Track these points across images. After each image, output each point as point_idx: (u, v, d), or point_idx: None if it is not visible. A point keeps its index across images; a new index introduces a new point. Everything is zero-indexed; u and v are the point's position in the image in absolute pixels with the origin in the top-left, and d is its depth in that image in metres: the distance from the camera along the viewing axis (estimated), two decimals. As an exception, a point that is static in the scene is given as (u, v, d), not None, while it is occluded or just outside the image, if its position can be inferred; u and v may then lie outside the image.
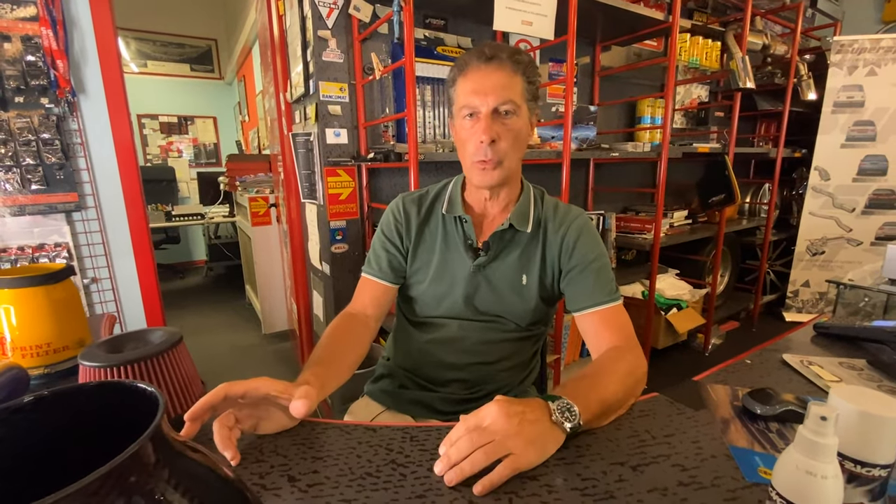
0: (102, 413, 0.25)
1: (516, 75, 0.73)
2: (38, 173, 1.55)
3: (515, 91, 0.73)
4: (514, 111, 0.73)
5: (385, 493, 0.49)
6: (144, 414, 0.25)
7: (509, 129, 0.73)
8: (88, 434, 0.25)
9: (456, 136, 0.79)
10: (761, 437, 0.58)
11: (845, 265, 2.86)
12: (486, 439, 0.49)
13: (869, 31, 3.24)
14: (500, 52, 0.72)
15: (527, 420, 0.50)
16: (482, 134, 0.72)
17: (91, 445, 0.25)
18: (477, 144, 0.73)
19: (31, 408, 0.23)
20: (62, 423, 0.24)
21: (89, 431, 0.25)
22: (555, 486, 0.49)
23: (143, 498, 0.22)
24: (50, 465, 0.25)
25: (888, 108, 2.65)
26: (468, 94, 0.73)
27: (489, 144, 0.72)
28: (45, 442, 0.24)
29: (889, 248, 1.10)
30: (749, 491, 0.49)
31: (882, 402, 0.38)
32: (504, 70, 0.72)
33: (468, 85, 0.73)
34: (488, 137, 0.72)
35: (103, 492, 0.21)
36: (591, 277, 0.77)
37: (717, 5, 2.77)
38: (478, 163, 0.75)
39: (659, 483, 0.50)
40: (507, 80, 0.72)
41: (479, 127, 0.73)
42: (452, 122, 0.81)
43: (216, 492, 0.26)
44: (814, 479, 0.34)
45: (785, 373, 0.77)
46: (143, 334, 0.62)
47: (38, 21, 1.49)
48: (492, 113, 0.72)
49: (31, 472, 0.24)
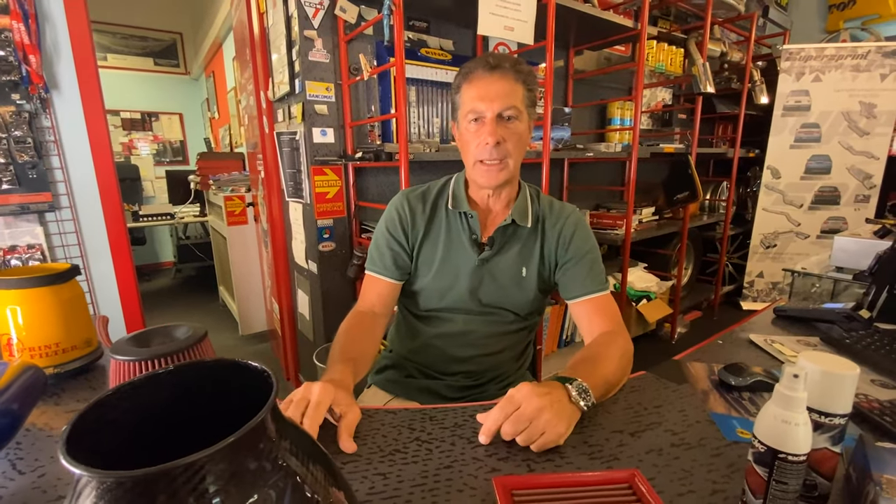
0: (216, 387, 0.29)
1: (518, 83, 0.79)
2: (9, 172, 1.49)
3: (517, 98, 0.79)
4: (517, 116, 0.79)
5: (415, 465, 0.54)
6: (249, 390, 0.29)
7: (512, 132, 0.79)
8: (204, 402, 0.29)
9: (459, 139, 0.85)
10: (736, 404, 0.67)
11: (795, 257, 3.09)
12: (526, 418, 0.55)
13: (814, 40, 3.51)
14: (504, 62, 0.78)
15: (554, 400, 0.56)
16: (488, 136, 0.78)
17: (205, 414, 0.29)
18: (482, 145, 0.79)
19: (170, 377, 0.27)
20: (188, 389, 0.28)
21: (204, 400, 0.28)
22: (568, 455, 0.56)
23: (269, 463, 0.26)
24: (173, 424, 0.28)
25: (831, 112, 2.88)
26: (474, 100, 0.78)
27: (494, 146, 0.78)
28: (174, 402, 0.28)
29: (836, 239, 1.23)
30: (730, 448, 0.57)
31: (840, 363, 0.46)
32: (507, 79, 0.78)
33: (473, 91, 0.79)
34: (494, 139, 0.77)
35: (241, 455, 0.24)
36: (585, 268, 0.84)
37: (679, 13, 2.94)
38: (481, 163, 0.80)
39: (654, 445, 0.57)
40: (510, 87, 0.78)
41: (485, 130, 0.78)
42: (456, 126, 0.86)
43: (317, 460, 0.30)
44: (788, 427, 0.42)
45: (752, 350, 0.87)
46: (167, 330, 0.64)
47: (8, 14, 1.43)
48: (496, 118, 0.78)
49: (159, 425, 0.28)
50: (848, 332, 0.90)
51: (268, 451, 0.26)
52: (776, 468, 0.42)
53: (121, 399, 0.26)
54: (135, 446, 0.28)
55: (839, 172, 2.94)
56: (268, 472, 0.26)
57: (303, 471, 0.28)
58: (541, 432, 0.54)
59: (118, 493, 0.22)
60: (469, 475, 0.52)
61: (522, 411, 0.55)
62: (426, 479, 0.52)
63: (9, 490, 0.51)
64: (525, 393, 0.56)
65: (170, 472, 0.22)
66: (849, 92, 2.85)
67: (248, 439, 0.25)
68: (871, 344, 0.85)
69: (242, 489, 0.25)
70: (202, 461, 0.23)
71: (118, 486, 0.21)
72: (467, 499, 0.48)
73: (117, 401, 0.26)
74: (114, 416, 0.25)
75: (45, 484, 0.52)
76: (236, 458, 0.24)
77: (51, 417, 0.65)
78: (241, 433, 0.24)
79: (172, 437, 0.28)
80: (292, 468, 0.27)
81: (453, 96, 0.85)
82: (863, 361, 0.80)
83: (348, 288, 1.80)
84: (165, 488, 0.22)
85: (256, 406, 0.28)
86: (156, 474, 0.22)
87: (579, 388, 0.60)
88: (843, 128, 2.88)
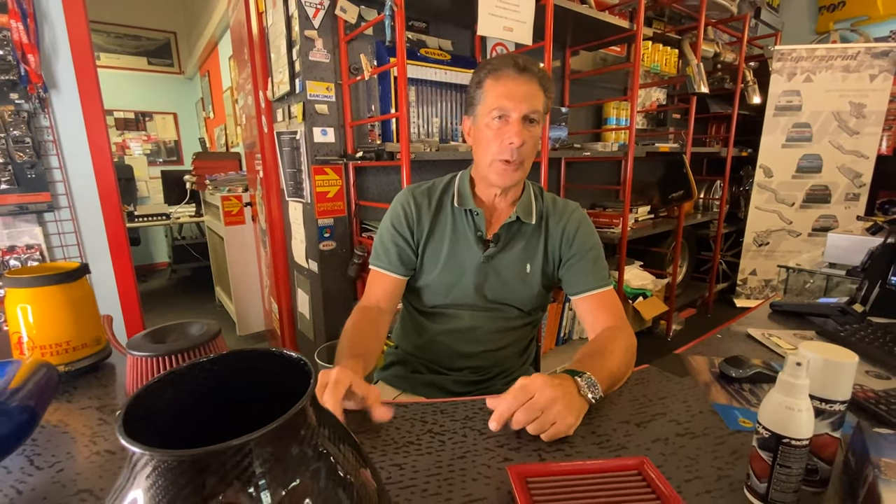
0: (253, 375, 0.30)
1: (541, 90, 0.80)
2: (7, 172, 1.48)
3: (540, 103, 0.80)
4: (538, 120, 0.81)
5: (429, 456, 0.55)
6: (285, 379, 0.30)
7: (533, 135, 0.81)
8: (242, 390, 0.30)
9: (477, 134, 0.84)
10: (737, 395, 0.69)
11: (787, 254, 3.14)
12: (538, 407, 0.56)
13: (805, 41, 3.57)
14: (532, 66, 0.79)
15: (566, 391, 0.58)
16: (514, 137, 0.78)
17: (243, 401, 0.30)
18: (505, 145, 0.79)
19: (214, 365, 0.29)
20: (227, 377, 0.29)
21: (243, 388, 0.30)
22: (577, 445, 0.57)
23: (311, 449, 0.27)
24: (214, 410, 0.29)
25: (822, 112, 2.93)
26: (500, 98, 0.79)
27: (518, 147, 0.79)
28: (214, 390, 0.29)
29: (829, 236, 1.26)
30: (733, 437, 0.59)
31: (839, 352, 0.48)
32: (533, 83, 0.79)
33: (501, 89, 0.79)
34: (519, 140, 0.78)
35: (283, 442, 0.26)
36: (588, 264, 0.86)
37: (672, 14, 2.97)
38: (501, 161, 0.81)
39: (660, 435, 0.59)
40: (536, 91, 0.79)
41: (511, 130, 0.78)
42: (470, 121, 0.86)
43: (347, 441, 0.31)
44: (791, 413, 0.43)
45: (750, 344, 0.89)
46: (182, 327, 0.64)
47: (7, 13, 1.42)
48: (522, 119, 0.79)
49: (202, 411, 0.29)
50: (842, 326, 0.93)
51: (309, 437, 0.27)
52: (780, 453, 0.44)
53: (166, 386, 0.27)
54: (179, 430, 0.29)
55: (830, 171, 2.98)
56: (309, 457, 0.27)
57: (337, 453, 0.29)
58: (552, 422, 0.55)
59: (173, 471, 0.23)
60: (483, 464, 0.53)
61: (535, 401, 0.56)
62: (441, 468, 0.53)
63: (28, 485, 0.52)
64: (539, 384, 0.57)
65: (223, 452, 0.23)
66: (839, 92, 2.90)
67: (291, 424, 0.26)
68: (865, 337, 0.87)
69: (286, 472, 0.26)
70: (250, 443, 0.24)
71: (174, 464, 0.22)
72: (482, 487, 0.50)
73: (163, 387, 0.27)
74: (160, 401, 0.26)
75: (64, 479, 0.53)
76: (280, 442, 0.26)
77: (64, 414, 0.66)
78: (285, 418, 0.25)
79: (213, 422, 0.29)
80: (330, 453, 0.29)
81: (473, 91, 0.84)
82: (857, 353, 0.82)
83: (349, 287, 1.81)
84: (216, 468, 0.23)
85: (291, 394, 0.29)
86: (209, 454, 0.23)
87: (588, 382, 0.61)
88: (833, 127, 2.93)
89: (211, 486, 0.23)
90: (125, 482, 0.23)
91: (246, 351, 0.30)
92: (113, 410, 0.67)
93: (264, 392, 0.31)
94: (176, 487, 0.23)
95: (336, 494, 0.28)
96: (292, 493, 0.26)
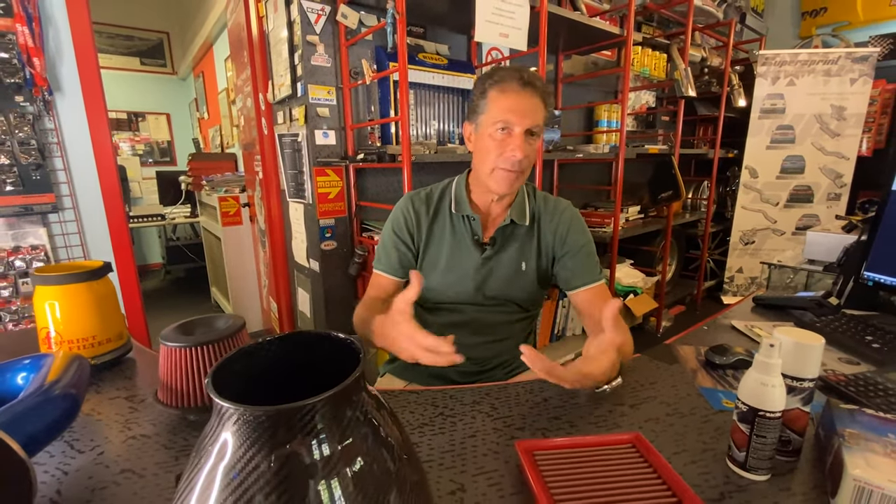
0: (309, 354, 0.35)
1: (542, 103, 0.85)
2: (13, 174, 1.50)
3: (541, 116, 0.85)
4: (539, 133, 0.86)
5: (443, 436, 0.60)
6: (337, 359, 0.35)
7: (533, 147, 0.86)
8: (301, 366, 0.35)
9: (479, 142, 0.89)
10: (721, 380, 0.75)
11: (771, 252, 3.24)
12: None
13: (788, 46, 3.68)
14: (536, 81, 0.84)
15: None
16: (517, 150, 0.83)
17: (300, 374, 0.35)
18: (508, 156, 0.84)
19: (276, 343, 0.33)
20: (290, 356, 0.34)
21: (302, 364, 0.35)
22: (577, 424, 0.63)
23: (361, 414, 0.32)
24: (280, 380, 0.34)
25: (804, 115, 3.03)
26: (505, 111, 0.83)
27: (520, 159, 0.84)
28: (275, 364, 0.34)
29: (808, 234, 1.34)
30: (717, 416, 0.65)
31: (808, 336, 0.54)
32: (536, 98, 0.84)
33: (506, 103, 0.83)
34: (522, 154, 0.83)
35: (339, 406, 0.31)
36: (582, 260, 0.91)
37: (661, 19, 3.05)
38: (502, 170, 0.86)
39: (651, 415, 0.65)
40: (538, 106, 0.84)
41: (515, 143, 0.83)
42: (472, 128, 0.90)
43: (389, 416, 0.36)
44: (766, 388, 0.49)
45: (734, 335, 0.95)
46: (208, 320, 0.69)
47: (12, 17, 1.44)
48: (525, 132, 0.84)
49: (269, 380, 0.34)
50: (819, 318, 1.00)
51: (360, 404, 0.32)
52: (756, 424, 0.50)
53: (239, 359, 0.32)
54: (251, 393, 0.34)
55: (812, 172, 3.09)
56: (360, 421, 0.32)
57: (380, 419, 0.34)
58: None
59: (251, 423, 0.28)
60: (492, 442, 0.59)
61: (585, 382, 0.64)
62: (454, 446, 0.58)
63: (73, 466, 0.56)
64: (597, 373, 0.64)
65: (293, 410, 0.28)
66: (821, 95, 3.00)
67: (347, 391, 0.31)
68: (839, 327, 0.94)
69: (341, 431, 0.31)
70: (316, 404, 0.29)
71: (254, 418, 0.27)
72: (492, 461, 0.55)
73: (237, 359, 0.31)
74: (233, 371, 0.31)
75: (106, 460, 0.57)
76: (338, 405, 0.31)
77: (95, 404, 0.70)
78: (343, 385, 0.30)
79: (277, 388, 0.34)
80: (375, 419, 0.34)
81: (477, 99, 0.88)
82: (831, 342, 0.89)
83: (350, 285, 1.85)
84: (286, 422, 0.28)
85: (340, 369, 0.34)
86: (281, 411, 0.28)
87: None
88: (815, 129, 3.04)
89: (281, 437, 0.28)
90: (214, 428, 0.28)
91: (304, 332, 0.35)
92: (141, 400, 0.71)
93: (316, 367, 0.36)
94: (255, 435, 0.27)
95: (381, 454, 0.33)
96: (346, 448, 0.31)
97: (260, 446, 0.27)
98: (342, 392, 0.31)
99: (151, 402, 0.70)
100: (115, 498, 0.50)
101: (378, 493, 0.31)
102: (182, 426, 0.63)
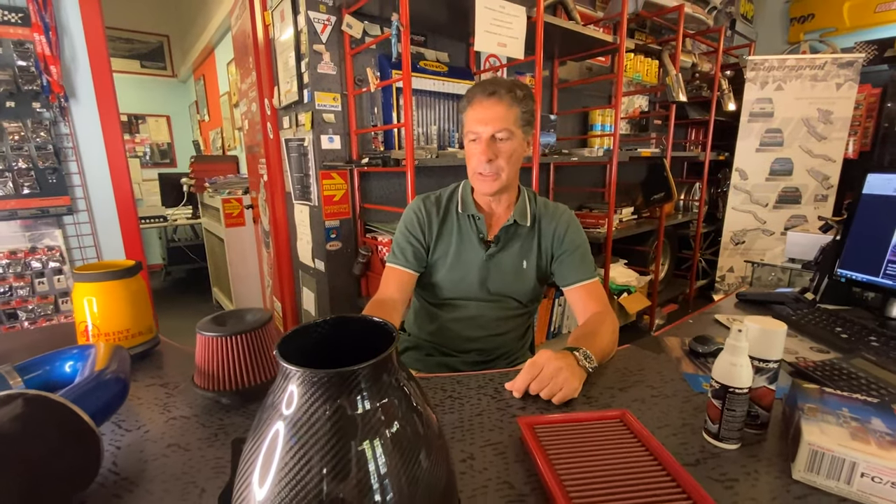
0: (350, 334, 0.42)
1: (513, 106, 0.92)
2: (30, 177, 1.56)
3: (510, 120, 0.92)
4: (509, 136, 0.93)
5: (452, 415, 0.68)
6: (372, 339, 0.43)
7: (503, 149, 0.94)
8: (342, 342, 0.42)
9: (465, 151, 1.00)
10: (702, 366, 0.83)
11: (761, 252, 3.33)
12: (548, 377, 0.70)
13: (777, 51, 3.78)
14: (500, 88, 0.92)
15: (569, 363, 0.71)
16: (481, 155, 0.93)
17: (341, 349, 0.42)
18: (476, 162, 0.95)
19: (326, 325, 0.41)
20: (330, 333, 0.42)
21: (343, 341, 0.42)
22: (571, 404, 0.70)
23: (395, 381, 0.39)
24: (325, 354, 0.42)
25: (792, 118, 3.13)
26: (473, 123, 0.94)
27: (487, 162, 0.93)
28: (326, 343, 0.41)
29: (789, 234, 1.42)
30: (697, 397, 0.72)
31: (773, 323, 0.61)
32: (502, 103, 0.91)
33: (472, 115, 0.94)
34: (485, 157, 0.93)
35: (378, 372, 0.38)
36: (577, 259, 0.99)
37: (653, 26, 3.14)
38: (478, 174, 0.96)
39: (638, 396, 0.72)
40: (504, 112, 0.92)
41: (480, 149, 0.94)
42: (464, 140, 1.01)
43: (417, 387, 0.43)
44: (735, 367, 0.57)
45: (717, 327, 1.03)
46: (238, 313, 0.75)
47: (30, 26, 1.50)
48: (489, 138, 0.92)
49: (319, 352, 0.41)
50: (795, 312, 1.08)
51: (394, 373, 0.39)
52: (727, 400, 0.58)
53: (295, 337, 0.39)
54: (304, 361, 0.41)
55: (800, 174, 3.19)
56: (394, 387, 0.39)
57: (411, 388, 0.41)
58: (560, 387, 0.68)
59: (310, 382, 0.35)
60: (497, 419, 0.66)
61: (545, 372, 0.69)
62: (463, 423, 0.65)
63: (124, 441, 0.63)
64: (546, 357, 0.71)
65: (345, 373, 0.35)
66: (808, 100, 3.10)
67: (384, 362, 0.38)
68: (813, 320, 1.02)
69: (380, 392, 0.38)
70: (361, 370, 0.36)
71: (313, 378, 0.34)
72: (498, 434, 0.62)
73: (294, 337, 0.39)
74: (292, 345, 0.38)
75: (153, 436, 0.64)
76: (377, 372, 0.38)
77: (134, 390, 0.77)
78: (381, 357, 0.37)
79: (324, 358, 0.42)
80: (406, 387, 0.41)
81: (460, 116, 1.01)
82: (804, 333, 0.97)
83: (354, 284, 1.92)
84: (338, 382, 0.35)
85: (373, 346, 0.41)
86: (334, 374, 0.35)
87: (584, 355, 0.75)
88: (803, 133, 3.13)
89: (332, 392, 0.35)
90: (280, 384, 0.35)
91: (346, 316, 0.42)
92: (175, 386, 0.78)
93: (356, 343, 0.43)
94: (312, 390, 0.35)
95: (412, 416, 0.40)
96: (382, 406, 0.38)
97: (318, 399, 0.35)
98: (381, 362, 0.38)
99: (185, 387, 0.77)
100: (167, 467, 0.57)
101: (410, 447, 0.38)
102: (216, 408, 0.70)
